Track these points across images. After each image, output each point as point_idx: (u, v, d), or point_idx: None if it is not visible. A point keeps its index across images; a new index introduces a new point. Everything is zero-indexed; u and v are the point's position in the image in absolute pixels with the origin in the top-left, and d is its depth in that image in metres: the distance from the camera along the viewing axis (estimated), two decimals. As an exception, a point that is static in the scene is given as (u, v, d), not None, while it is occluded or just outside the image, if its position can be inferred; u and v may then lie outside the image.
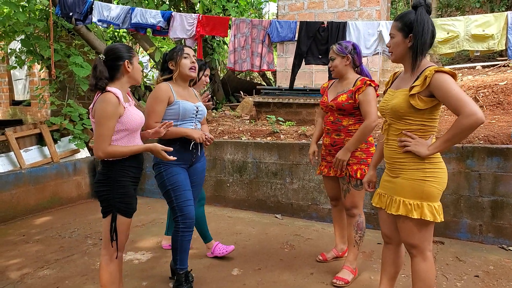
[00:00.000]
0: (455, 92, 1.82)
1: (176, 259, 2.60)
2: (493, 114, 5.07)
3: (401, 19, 1.99)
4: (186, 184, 2.60)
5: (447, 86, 1.83)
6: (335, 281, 2.78)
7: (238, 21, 4.98)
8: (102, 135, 2.05)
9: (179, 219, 2.56)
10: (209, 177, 4.75)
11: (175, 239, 2.58)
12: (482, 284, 2.79)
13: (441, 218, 1.96)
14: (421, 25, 1.91)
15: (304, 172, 4.26)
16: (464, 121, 1.80)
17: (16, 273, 3.04)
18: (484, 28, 3.85)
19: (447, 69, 1.88)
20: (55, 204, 4.80)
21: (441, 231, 3.67)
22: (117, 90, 2.11)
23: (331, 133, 2.85)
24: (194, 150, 2.67)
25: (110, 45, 2.28)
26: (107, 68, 2.13)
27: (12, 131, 5.12)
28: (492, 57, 8.37)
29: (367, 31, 4.38)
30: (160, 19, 4.97)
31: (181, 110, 2.57)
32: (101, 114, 2.05)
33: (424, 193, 1.95)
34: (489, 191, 3.48)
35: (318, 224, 4.13)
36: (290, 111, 5.74)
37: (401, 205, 1.98)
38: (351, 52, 2.78)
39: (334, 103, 2.78)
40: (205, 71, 3.17)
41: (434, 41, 1.97)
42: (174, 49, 2.66)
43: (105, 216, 2.18)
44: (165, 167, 2.59)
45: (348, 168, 2.77)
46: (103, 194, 2.15)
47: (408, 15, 1.97)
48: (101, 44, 6.18)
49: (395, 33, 2.01)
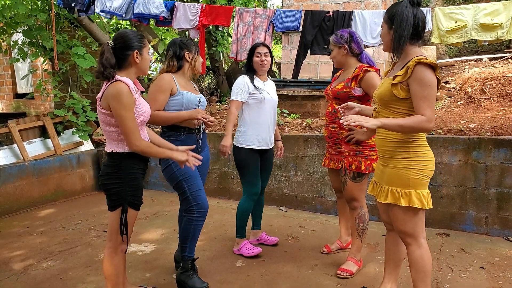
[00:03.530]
0: (426, 93, 1.89)
1: (185, 247, 2.58)
2: (500, 106, 4.99)
3: (387, 12, 2.06)
4: (196, 173, 2.59)
5: (421, 83, 1.89)
6: (340, 273, 2.77)
7: (242, 11, 4.93)
8: (129, 129, 1.98)
9: (195, 208, 2.54)
10: (213, 170, 4.73)
11: (188, 228, 2.55)
12: (487, 276, 2.76)
13: (429, 205, 2.01)
14: (399, 17, 1.96)
15: (308, 164, 4.23)
16: (423, 122, 1.89)
17: (19, 264, 3.05)
18: (493, 17, 3.78)
19: (429, 60, 1.90)
20: (59, 197, 4.80)
21: (447, 223, 3.63)
22: (128, 80, 2.03)
23: (328, 124, 2.82)
24: (199, 136, 2.66)
25: (121, 31, 2.13)
26: (115, 56, 2.02)
27: (15, 123, 5.11)
28: (499, 49, 8.26)
29: (373, 20, 4.32)
30: (163, 9, 4.93)
31: (184, 101, 2.56)
32: (118, 107, 1.96)
33: (410, 182, 2.00)
34: (496, 183, 3.44)
35: (322, 216, 4.10)
36: (295, 103, 5.69)
37: (389, 194, 2.05)
38: (347, 40, 2.71)
39: (331, 91, 2.75)
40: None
41: (422, 32, 2.01)
42: (190, 40, 2.67)
43: (113, 210, 2.11)
44: (172, 160, 2.58)
45: (344, 161, 2.73)
46: (114, 187, 2.07)
47: (394, 7, 2.02)
48: (104, 36, 6.14)
49: (383, 24, 2.09)
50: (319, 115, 5.54)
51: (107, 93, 2.00)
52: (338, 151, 2.80)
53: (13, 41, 6.15)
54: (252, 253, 3.07)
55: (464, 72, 6.63)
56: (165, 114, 2.52)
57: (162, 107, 2.52)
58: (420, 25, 1.97)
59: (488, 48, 8.38)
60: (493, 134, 3.62)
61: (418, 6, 1.99)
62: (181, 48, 2.60)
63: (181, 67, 2.62)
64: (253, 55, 3.01)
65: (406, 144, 2.01)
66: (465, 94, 5.60)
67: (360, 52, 2.77)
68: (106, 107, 2.01)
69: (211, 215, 4.13)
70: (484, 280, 2.71)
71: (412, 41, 1.99)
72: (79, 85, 6.21)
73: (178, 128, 2.60)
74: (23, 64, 7.09)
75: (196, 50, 2.63)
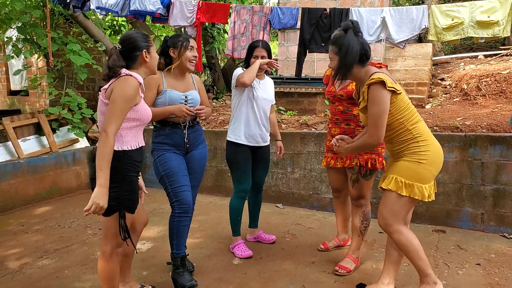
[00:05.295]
0: (375, 113, 2.12)
1: (173, 244, 2.59)
2: (496, 103, 5.02)
3: (335, 44, 2.25)
4: (180, 170, 2.58)
5: (371, 102, 2.14)
6: (337, 270, 2.77)
7: (238, 8, 4.90)
8: (114, 115, 1.90)
9: (175, 204, 2.55)
10: (209, 167, 4.72)
11: (172, 224, 2.57)
12: (483, 272, 2.78)
13: (431, 198, 2.21)
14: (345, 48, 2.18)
15: (305, 161, 4.23)
16: (370, 140, 2.19)
17: (15, 263, 3.02)
18: (489, 14, 3.79)
19: (376, 77, 2.11)
20: (54, 194, 4.77)
21: (443, 219, 3.65)
22: (139, 76, 2.02)
23: (340, 123, 2.80)
24: (185, 132, 2.64)
25: (126, 33, 2.15)
26: (124, 58, 2.03)
27: (10, 121, 5.06)
28: (494, 46, 8.30)
29: (370, 17, 4.31)
30: (160, 6, 4.88)
31: (167, 100, 2.56)
32: (119, 93, 1.92)
33: (418, 175, 2.16)
34: (492, 179, 3.45)
35: (319, 213, 4.11)
36: (292, 100, 5.69)
37: (393, 181, 2.19)
38: None
39: (344, 92, 2.72)
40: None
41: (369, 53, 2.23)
42: (178, 36, 2.60)
43: (109, 215, 2.02)
44: (158, 154, 2.61)
45: (359, 158, 2.73)
46: (110, 192, 1.94)
47: (339, 39, 2.23)
48: (100, 32, 6.09)
49: (333, 56, 2.26)
50: (315, 112, 5.54)
51: (116, 83, 1.97)
52: None
53: (7, 38, 6.08)
54: (242, 256, 3.05)
55: (460, 69, 6.66)
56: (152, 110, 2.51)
57: (150, 104, 2.53)
58: (367, 49, 2.22)
59: (484, 45, 8.41)
60: (489, 131, 3.64)
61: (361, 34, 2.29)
62: (167, 45, 2.59)
63: (169, 64, 2.61)
64: (251, 55, 2.97)
65: (414, 139, 2.18)
66: (461, 91, 5.62)
67: None
68: (110, 96, 1.97)
69: (208, 213, 4.13)
70: (480, 276, 2.73)
71: (362, 63, 2.21)
72: (75, 82, 6.16)
73: (164, 122, 2.61)
74: (17, 60, 7.02)
75: (184, 46, 2.55)
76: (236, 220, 3.11)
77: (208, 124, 5.08)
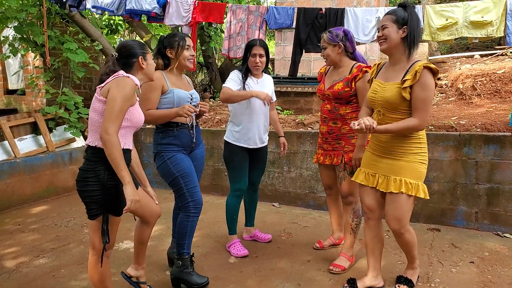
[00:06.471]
0: (426, 96, 2.12)
1: (183, 244, 2.57)
2: (490, 102, 5.05)
3: (394, 13, 2.20)
4: (192, 170, 2.60)
5: (424, 87, 2.11)
6: (332, 268, 2.79)
7: (234, 7, 4.91)
8: (114, 114, 1.89)
9: (191, 204, 2.55)
10: (206, 166, 4.73)
11: (185, 225, 2.55)
12: (477, 270, 2.81)
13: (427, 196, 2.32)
14: (415, 19, 2.16)
15: (301, 160, 4.25)
16: (418, 123, 2.14)
17: (11, 262, 3.03)
18: (483, 14, 3.81)
19: (433, 66, 2.12)
20: (51, 194, 4.77)
21: (438, 218, 3.68)
22: (136, 79, 2.03)
23: (328, 121, 2.82)
24: (192, 132, 2.65)
25: (123, 42, 2.21)
26: (121, 66, 2.06)
27: (6, 120, 5.05)
28: (490, 46, 8.33)
29: (366, 17, 4.33)
30: (155, 5, 4.88)
31: (175, 99, 2.55)
32: (118, 91, 1.91)
33: (420, 175, 2.27)
34: (486, 178, 3.48)
35: (315, 212, 4.13)
36: (288, 99, 5.71)
37: (403, 184, 2.23)
38: (342, 39, 2.71)
39: (330, 92, 2.75)
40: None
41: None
42: (174, 36, 2.60)
43: (93, 218, 2.01)
44: (168, 155, 2.57)
45: (344, 156, 2.75)
46: (93, 195, 1.93)
47: (399, 10, 2.20)
48: (96, 31, 6.09)
49: (389, 24, 2.19)
50: (312, 112, 5.56)
51: (113, 82, 1.97)
52: (337, 146, 2.81)
53: (4, 37, 6.07)
54: (237, 255, 3.07)
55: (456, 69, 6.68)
56: (155, 113, 2.51)
57: (154, 106, 2.51)
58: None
59: (479, 45, 8.44)
60: (483, 131, 3.67)
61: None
62: (164, 45, 2.59)
63: (168, 64, 2.61)
64: (249, 54, 2.97)
65: (418, 140, 2.25)
66: (457, 91, 5.65)
67: (353, 50, 2.79)
68: (105, 94, 1.96)
69: (205, 212, 4.13)
70: (474, 274, 2.76)
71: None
72: (71, 81, 6.14)
73: (171, 123, 2.59)
74: (14, 59, 7.00)
75: (182, 46, 2.55)
76: (232, 219, 3.13)
77: (205, 123, 5.09)
